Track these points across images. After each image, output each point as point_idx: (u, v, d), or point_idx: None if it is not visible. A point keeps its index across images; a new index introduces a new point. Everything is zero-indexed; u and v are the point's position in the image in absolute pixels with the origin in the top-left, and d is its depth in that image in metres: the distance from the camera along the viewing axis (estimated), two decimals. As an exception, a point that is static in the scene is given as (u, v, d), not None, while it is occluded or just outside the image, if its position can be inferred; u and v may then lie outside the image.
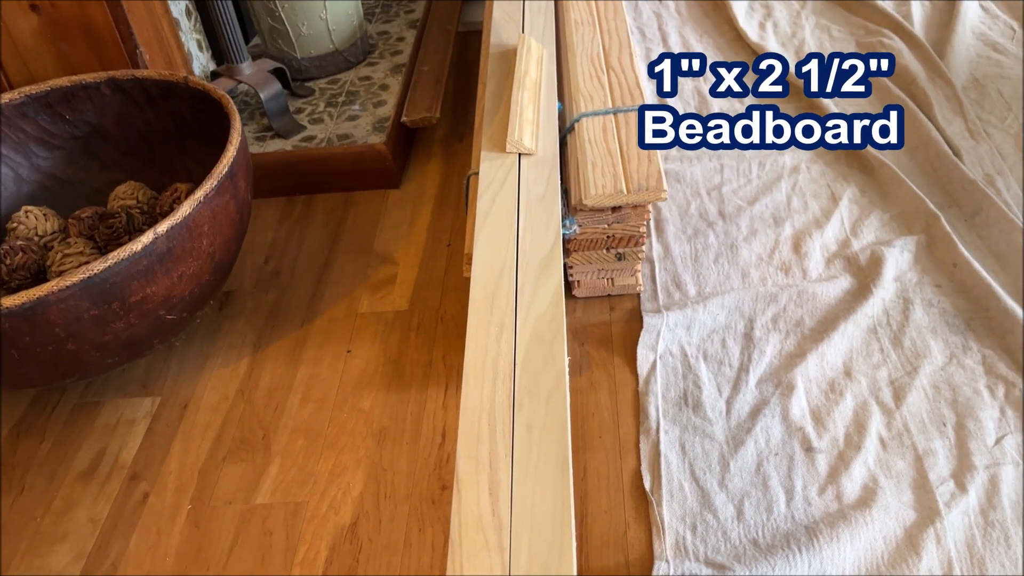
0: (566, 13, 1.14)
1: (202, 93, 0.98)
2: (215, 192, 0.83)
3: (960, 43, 1.30)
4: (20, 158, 1.04)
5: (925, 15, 1.41)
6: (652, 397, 0.84)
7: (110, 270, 0.75)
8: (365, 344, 0.96)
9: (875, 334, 0.88)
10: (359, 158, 1.15)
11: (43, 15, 1.05)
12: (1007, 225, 0.95)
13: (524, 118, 0.84)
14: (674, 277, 0.98)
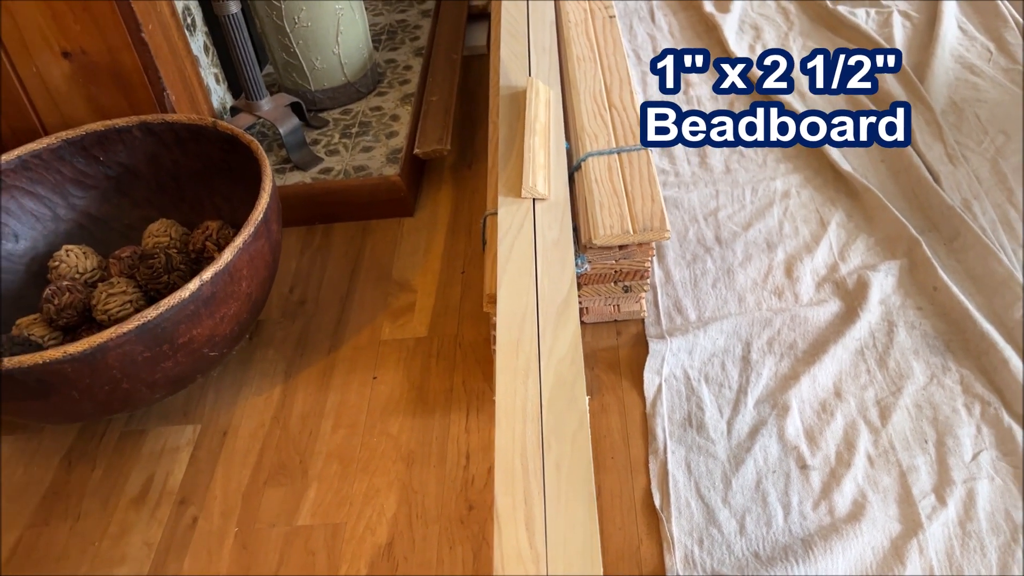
0: (568, 48, 1.21)
1: (230, 137, 1.05)
2: (252, 238, 0.90)
3: (940, 66, 1.37)
4: (58, 198, 1.10)
5: (906, 36, 1.48)
6: (659, 419, 0.91)
7: (162, 316, 0.82)
8: (389, 370, 1.03)
9: (862, 356, 0.95)
10: (375, 189, 1.21)
11: (74, 62, 1.11)
12: (982, 250, 1.03)
13: (536, 163, 0.91)
14: (675, 302, 1.05)
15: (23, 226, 1.08)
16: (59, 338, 1.00)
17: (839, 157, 1.21)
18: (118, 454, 0.97)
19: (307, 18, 1.26)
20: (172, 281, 1.00)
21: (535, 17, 1.20)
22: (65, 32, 1.08)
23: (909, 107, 1.40)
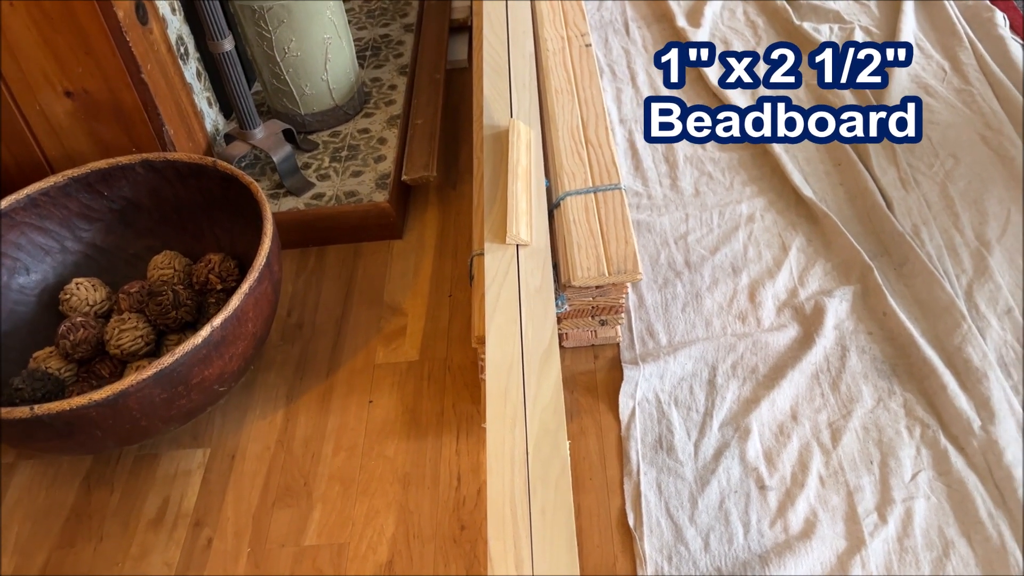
0: (547, 80, 1.28)
1: (230, 176, 1.11)
2: (256, 282, 0.97)
3: (896, 87, 1.45)
4: (65, 232, 1.17)
5: (868, 54, 1.56)
6: (632, 442, 1.00)
7: (177, 361, 0.90)
8: (384, 394, 1.11)
9: (817, 380, 1.05)
10: (366, 215, 1.28)
11: (76, 100, 1.17)
12: (928, 276, 1.12)
13: (519, 210, 0.99)
14: (648, 326, 1.14)
15: (33, 259, 1.15)
16: (74, 370, 1.08)
17: (801, 182, 1.30)
18: (134, 477, 1.05)
19: (296, 48, 1.32)
20: (180, 316, 1.07)
21: (515, 52, 1.26)
22: (68, 73, 1.14)
23: (920, 101, 1.45)
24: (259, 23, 1.29)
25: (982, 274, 1.14)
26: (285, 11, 1.28)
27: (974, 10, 1.60)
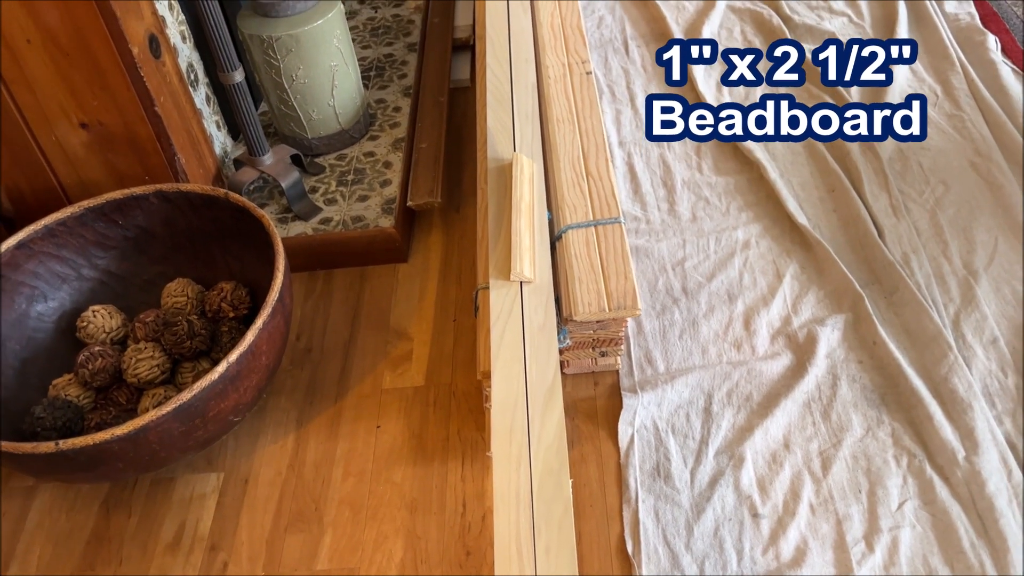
0: (549, 109, 1.31)
1: (242, 208, 1.15)
2: (270, 317, 1.01)
3: (890, 111, 1.48)
4: (82, 259, 1.20)
5: (862, 77, 1.59)
6: (631, 469, 1.04)
7: (195, 397, 0.93)
8: (391, 419, 1.15)
9: (809, 409, 1.09)
10: (372, 240, 1.32)
11: (92, 131, 1.20)
12: (917, 306, 1.16)
13: (523, 247, 1.02)
14: (646, 353, 1.18)
15: (51, 287, 1.18)
16: (92, 397, 1.11)
17: (796, 209, 1.33)
18: (151, 501, 1.09)
19: (304, 75, 1.35)
20: (195, 346, 1.10)
21: (518, 82, 1.29)
22: (83, 106, 1.17)
23: (925, 100, 1.46)
24: (267, 52, 1.32)
25: (969, 303, 1.18)
26: (293, 40, 1.31)
27: (966, 33, 1.63)
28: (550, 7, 1.54)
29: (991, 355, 1.11)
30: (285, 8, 1.30)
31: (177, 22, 1.31)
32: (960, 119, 1.47)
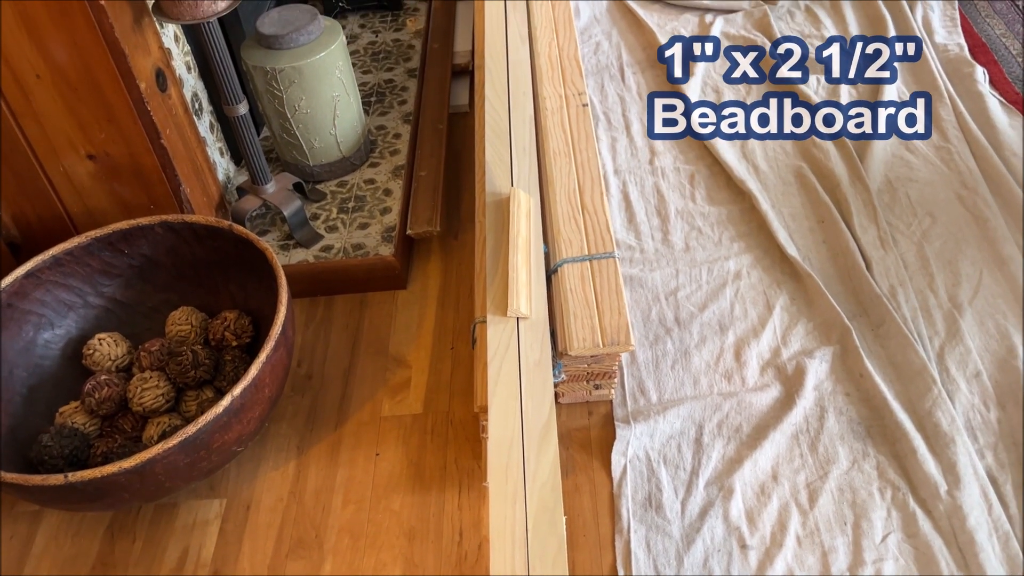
0: (545, 140, 1.34)
1: (245, 239, 1.18)
2: (273, 350, 1.04)
3: (878, 142, 1.52)
4: (88, 287, 1.23)
5: (853, 106, 1.63)
6: (624, 499, 1.07)
7: (200, 430, 0.96)
8: (390, 447, 1.18)
9: (797, 440, 1.12)
10: (372, 268, 1.35)
11: (98, 162, 1.23)
12: (903, 340, 1.19)
13: (520, 282, 1.05)
14: (639, 383, 1.21)
15: (57, 315, 1.21)
16: (97, 424, 1.14)
17: (786, 240, 1.36)
18: (154, 527, 1.12)
19: (307, 105, 1.38)
20: (199, 376, 1.13)
21: (516, 115, 1.32)
22: (90, 139, 1.20)
23: (930, 97, 1.48)
24: (271, 83, 1.35)
25: (953, 336, 1.21)
26: (296, 72, 1.33)
27: (955, 64, 1.66)
28: (548, 37, 1.57)
29: (974, 389, 1.15)
30: (288, 40, 1.33)
31: (182, 53, 1.34)
32: (948, 151, 1.50)
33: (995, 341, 1.20)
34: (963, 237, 1.35)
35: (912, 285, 1.28)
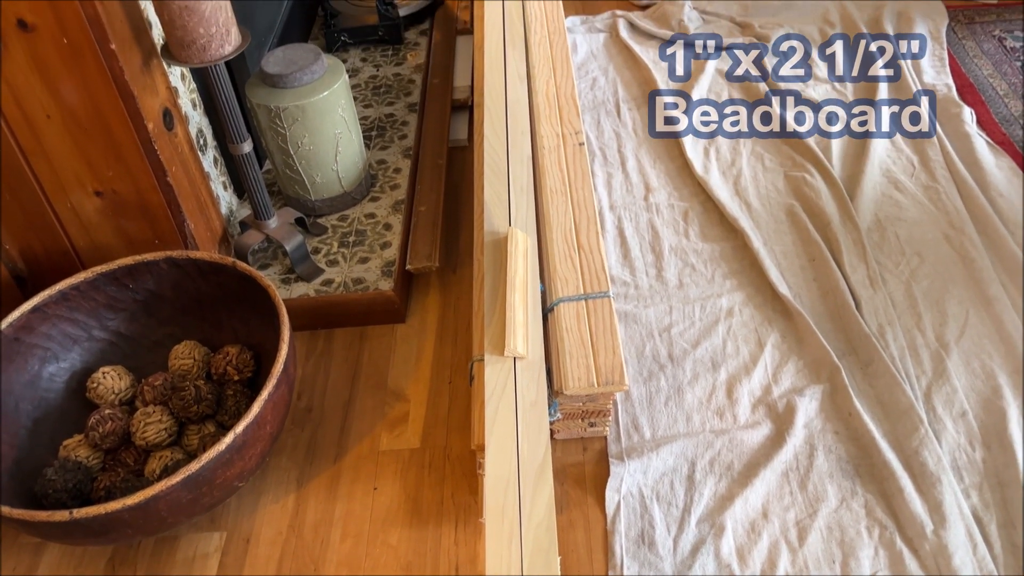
0: (543, 179, 1.37)
1: (248, 275, 1.20)
2: (275, 388, 1.06)
3: (868, 181, 1.55)
4: (93, 321, 1.25)
5: (842, 145, 1.66)
6: (617, 536, 1.10)
7: (203, 467, 0.98)
8: (388, 481, 1.20)
9: (787, 478, 1.14)
10: (372, 302, 1.37)
11: (105, 199, 1.25)
12: (890, 379, 1.22)
13: (516, 322, 1.08)
14: (633, 419, 1.23)
15: (63, 348, 1.23)
16: (100, 457, 1.16)
17: (778, 278, 1.39)
18: (155, 559, 1.13)
19: (309, 142, 1.41)
20: (201, 411, 1.15)
21: (514, 154, 1.35)
22: (98, 176, 1.22)
23: (934, 95, 1.49)
24: (274, 120, 1.38)
25: (940, 376, 1.24)
26: (300, 111, 1.37)
27: (943, 105, 1.70)
28: (546, 75, 1.60)
29: (960, 428, 1.17)
30: (292, 80, 1.36)
31: (188, 91, 1.37)
32: (936, 191, 1.53)
33: (981, 381, 1.23)
34: (950, 277, 1.38)
35: (900, 324, 1.31)
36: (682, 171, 1.65)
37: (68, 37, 1.08)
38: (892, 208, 1.51)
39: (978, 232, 1.44)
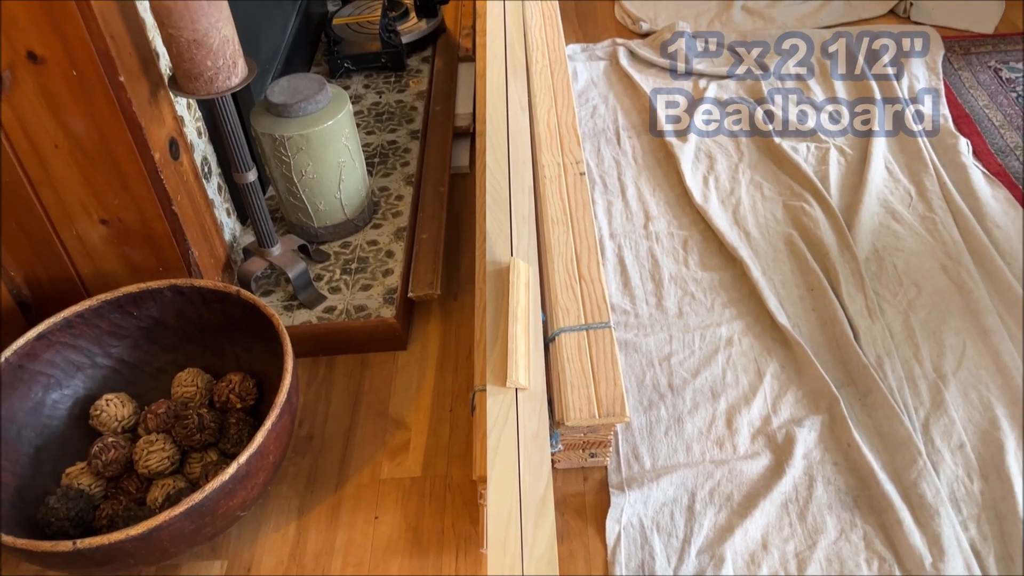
0: (544, 208, 1.39)
1: (251, 304, 1.21)
2: (278, 417, 1.07)
3: (866, 211, 1.57)
4: (96, 348, 1.26)
5: (840, 174, 1.68)
6: (617, 567, 1.10)
7: (207, 497, 0.99)
8: (389, 510, 1.20)
9: (786, 510, 1.15)
10: (374, 330, 1.38)
11: (111, 227, 1.26)
12: (888, 411, 1.23)
13: (518, 353, 1.09)
14: (633, 449, 1.24)
15: (66, 375, 1.24)
16: (103, 485, 1.17)
17: (776, 308, 1.40)
18: (157, 588, 1.14)
19: (313, 171, 1.42)
20: (204, 439, 1.16)
21: (515, 184, 1.37)
22: (104, 205, 1.24)
23: (937, 94, 1.50)
24: (279, 149, 1.39)
25: (938, 407, 1.24)
26: (304, 140, 1.38)
27: (940, 136, 1.72)
28: (547, 104, 1.62)
29: (958, 460, 1.18)
30: (297, 109, 1.38)
31: (194, 119, 1.38)
32: (932, 221, 1.55)
33: (978, 413, 1.23)
34: (947, 308, 1.39)
35: (898, 355, 1.32)
36: (681, 199, 1.67)
37: (77, 69, 1.09)
38: (890, 238, 1.53)
39: (975, 263, 1.45)
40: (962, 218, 1.53)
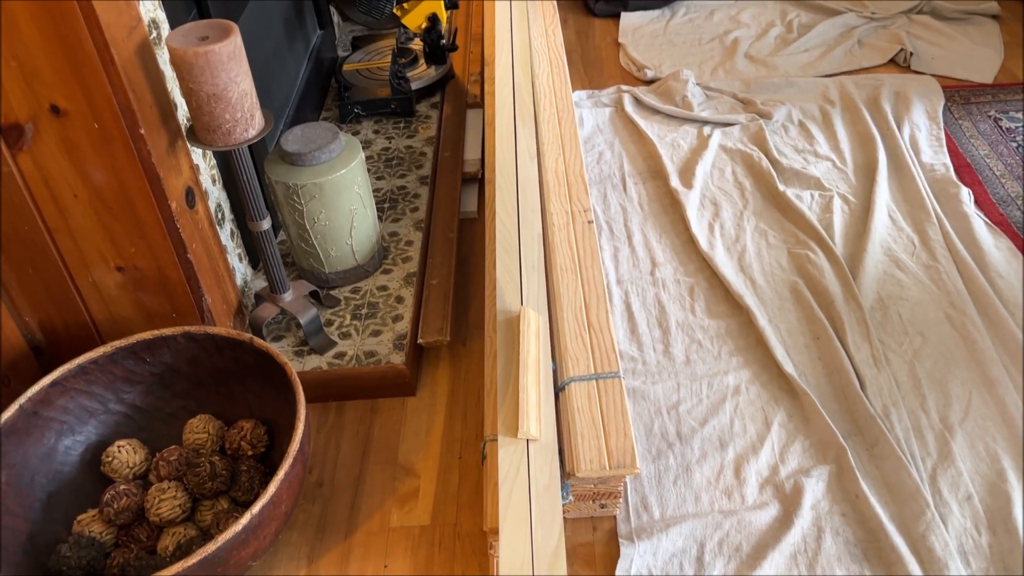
0: (552, 256, 1.41)
1: (264, 352, 1.22)
2: (290, 467, 1.08)
3: (870, 260, 1.59)
4: (109, 394, 1.27)
5: (844, 223, 1.70)
6: (627, 619, 1.10)
7: (220, 548, 0.99)
8: (398, 559, 1.20)
9: (795, 561, 1.15)
10: (384, 376, 1.39)
11: (127, 274, 1.28)
12: (896, 462, 1.24)
13: (530, 404, 1.10)
14: (642, 498, 1.24)
15: (79, 421, 1.24)
16: (114, 533, 1.17)
17: (783, 356, 1.42)
18: (166, 637, 1.13)
19: (326, 218, 1.44)
20: (216, 487, 1.17)
21: (525, 233, 1.39)
22: (121, 252, 1.25)
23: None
24: (292, 197, 1.41)
25: (945, 458, 1.25)
26: (317, 188, 1.40)
27: (942, 184, 1.75)
28: (555, 153, 1.65)
29: (966, 512, 1.19)
30: (311, 158, 1.40)
31: (209, 167, 1.40)
32: (936, 270, 1.57)
33: (985, 464, 1.24)
34: (952, 358, 1.40)
35: (905, 405, 1.33)
36: (687, 246, 1.69)
37: (99, 122, 1.11)
38: (894, 287, 1.54)
39: (979, 313, 1.47)
40: (965, 267, 1.55)
